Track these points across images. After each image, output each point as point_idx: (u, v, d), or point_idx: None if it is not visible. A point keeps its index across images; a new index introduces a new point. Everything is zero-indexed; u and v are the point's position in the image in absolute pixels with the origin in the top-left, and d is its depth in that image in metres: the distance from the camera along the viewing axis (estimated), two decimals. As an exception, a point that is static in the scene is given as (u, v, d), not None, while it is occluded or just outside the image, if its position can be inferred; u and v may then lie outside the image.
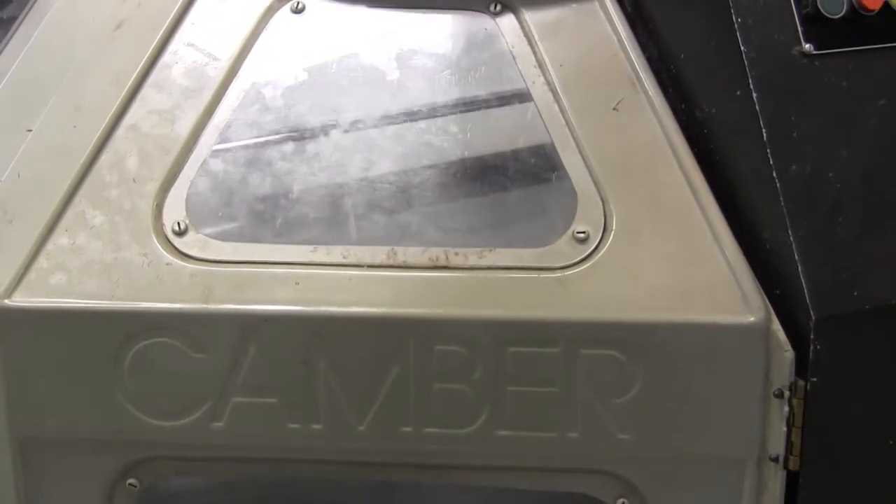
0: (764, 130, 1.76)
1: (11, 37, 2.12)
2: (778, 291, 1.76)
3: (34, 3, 2.15)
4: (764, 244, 1.78)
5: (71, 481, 1.85)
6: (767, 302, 1.75)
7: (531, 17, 1.94)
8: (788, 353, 1.74)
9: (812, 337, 1.72)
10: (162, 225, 1.83)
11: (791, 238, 1.74)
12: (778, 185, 1.75)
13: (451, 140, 1.88)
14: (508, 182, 1.87)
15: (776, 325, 1.74)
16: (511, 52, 1.92)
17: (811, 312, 1.72)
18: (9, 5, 2.30)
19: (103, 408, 1.80)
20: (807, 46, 1.80)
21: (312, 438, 1.79)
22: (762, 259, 1.78)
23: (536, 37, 1.92)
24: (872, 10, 1.82)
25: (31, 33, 2.06)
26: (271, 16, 1.96)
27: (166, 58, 1.95)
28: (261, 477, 1.97)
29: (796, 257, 1.73)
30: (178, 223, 1.83)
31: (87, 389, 1.80)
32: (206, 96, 1.91)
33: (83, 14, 2.04)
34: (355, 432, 1.79)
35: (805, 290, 1.72)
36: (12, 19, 2.20)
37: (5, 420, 1.81)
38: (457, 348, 1.76)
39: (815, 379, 1.73)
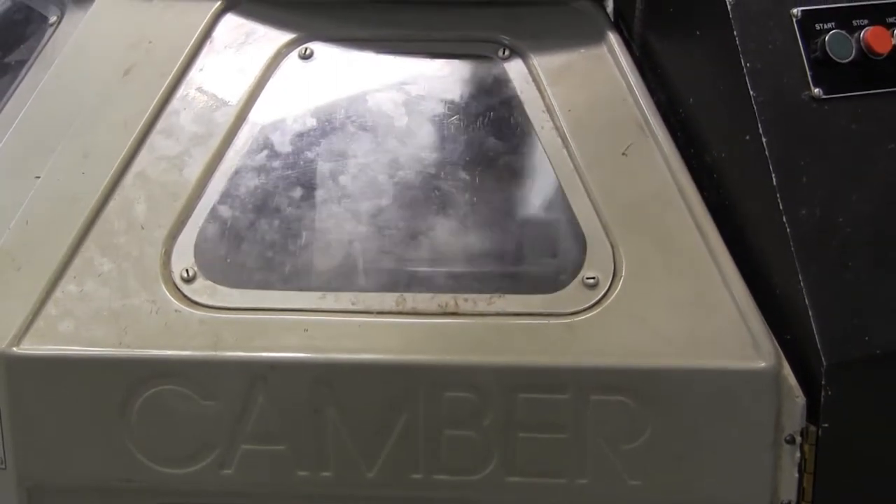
0: (773, 175, 1.75)
1: (20, 83, 2.12)
2: (788, 337, 1.75)
3: (43, 48, 2.16)
4: (774, 289, 1.77)
5: (79, 529, 1.84)
6: (778, 347, 1.75)
7: (540, 62, 1.94)
8: (800, 399, 1.73)
9: (823, 382, 1.71)
10: (170, 272, 1.83)
11: (801, 283, 1.73)
12: (788, 229, 1.74)
13: (460, 185, 1.88)
14: (517, 227, 1.87)
15: (787, 371, 1.73)
16: (520, 97, 1.93)
17: (822, 358, 1.71)
18: (17, 49, 2.30)
19: (112, 455, 1.80)
20: (816, 91, 1.80)
21: (322, 486, 1.79)
22: (772, 304, 1.77)
23: (545, 82, 1.92)
24: (881, 54, 1.82)
25: (39, 80, 2.06)
26: (280, 62, 1.97)
27: (175, 104, 1.95)
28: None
29: (807, 302, 1.73)
30: (187, 270, 1.83)
31: (96, 437, 1.79)
32: (215, 142, 1.91)
33: (92, 60, 2.04)
34: (365, 479, 1.78)
35: (816, 336, 1.72)
36: (21, 63, 2.20)
37: (13, 468, 1.81)
38: (466, 394, 1.75)
39: (826, 425, 1.72)
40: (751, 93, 1.78)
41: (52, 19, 2.21)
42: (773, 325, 1.76)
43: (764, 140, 1.76)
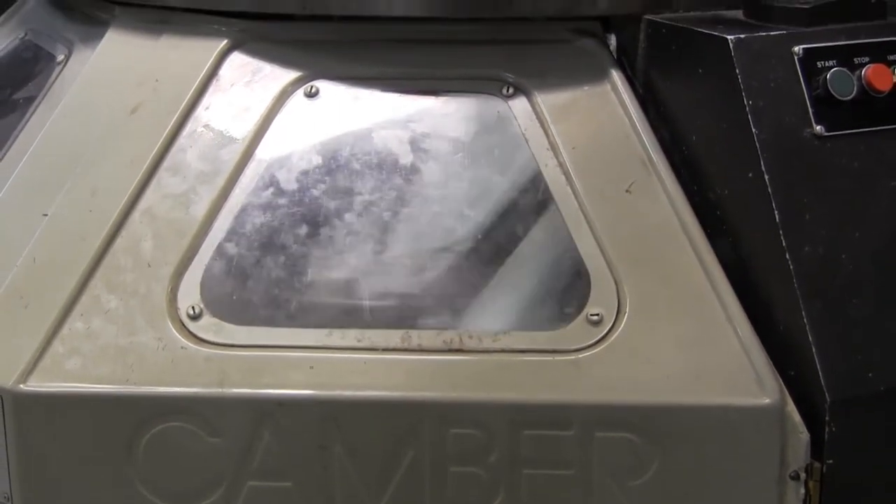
0: (776, 212, 1.76)
1: (28, 121, 2.14)
2: (792, 373, 1.76)
3: (50, 86, 2.17)
4: (778, 325, 1.78)
5: (85, 566, 1.84)
6: (782, 383, 1.75)
7: (543, 99, 1.95)
8: (804, 435, 1.73)
9: (827, 419, 1.72)
10: (177, 309, 1.84)
11: (805, 319, 1.74)
12: (791, 266, 1.75)
13: (465, 222, 1.89)
14: (522, 264, 1.87)
15: (791, 407, 1.74)
16: (524, 134, 1.94)
17: (826, 394, 1.71)
18: (25, 87, 2.31)
19: (118, 492, 1.80)
20: (818, 128, 1.81)
21: (327, 523, 1.79)
22: (776, 340, 1.78)
23: (549, 119, 1.93)
24: (883, 92, 1.84)
25: (47, 118, 2.08)
26: (285, 100, 1.98)
27: (181, 142, 1.96)
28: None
29: (810, 339, 1.73)
30: (193, 307, 1.83)
31: (102, 474, 1.80)
32: (221, 180, 1.92)
33: (99, 98, 2.06)
34: (371, 516, 1.79)
35: (819, 372, 1.72)
36: (29, 100, 2.22)
37: (20, 505, 1.82)
38: (472, 431, 1.76)
39: (831, 461, 1.73)
40: (753, 130, 1.79)
41: (60, 57, 2.22)
42: (777, 362, 1.76)
43: (766, 177, 1.77)
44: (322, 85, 1.99)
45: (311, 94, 1.98)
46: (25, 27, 2.42)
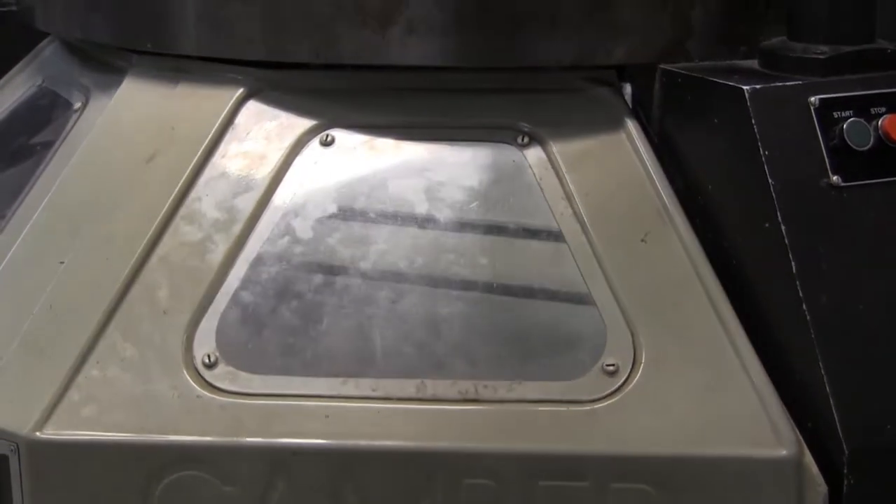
0: (793, 262, 1.76)
1: (44, 168, 2.14)
2: (810, 424, 1.75)
3: (67, 134, 2.18)
4: (794, 376, 1.77)
5: None
6: (799, 434, 1.74)
7: (558, 148, 1.95)
8: (822, 488, 1.72)
9: (845, 471, 1.71)
10: (192, 357, 1.84)
11: (822, 370, 1.73)
12: (808, 316, 1.75)
13: (480, 272, 1.89)
14: (537, 314, 1.87)
15: (808, 459, 1.73)
16: (539, 183, 1.94)
17: (844, 446, 1.70)
18: (42, 134, 2.32)
19: (133, 541, 1.80)
20: (834, 178, 1.81)
21: (341, 573, 1.79)
22: (793, 391, 1.77)
23: (564, 168, 1.94)
24: (899, 142, 1.84)
25: (63, 165, 2.09)
26: (301, 148, 1.99)
27: (197, 190, 1.97)
28: None
29: (828, 389, 1.73)
30: (208, 356, 1.83)
31: (117, 522, 1.80)
32: (237, 228, 1.92)
33: (116, 146, 2.07)
34: (384, 567, 1.78)
35: (837, 423, 1.71)
36: (46, 146, 2.23)
37: (34, 553, 1.81)
38: (486, 482, 1.75)
39: (849, 514, 1.72)
40: (769, 180, 1.78)
41: (77, 105, 2.23)
42: (794, 413, 1.76)
43: (783, 227, 1.77)
44: (337, 133, 2.00)
45: (327, 143, 1.99)
46: (42, 74, 2.44)
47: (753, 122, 1.80)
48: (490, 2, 1.91)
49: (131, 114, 2.10)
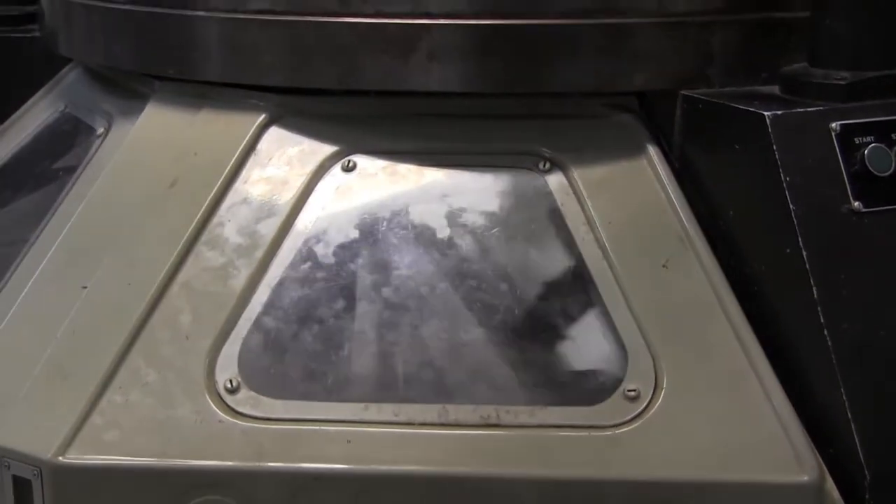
0: (814, 288, 1.76)
1: (67, 193, 2.16)
2: (831, 450, 1.75)
3: (90, 159, 2.19)
4: (816, 401, 1.77)
5: None
6: (821, 460, 1.74)
7: (580, 174, 1.96)
8: (843, 513, 1.73)
9: (867, 496, 1.71)
10: (214, 382, 1.84)
11: (843, 396, 1.73)
12: (829, 342, 1.75)
13: (501, 297, 1.89)
14: (559, 339, 1.87)
15: (830, 485, 1.73)
16: (560, 209, 1.94)
17: (865, 471, 1.70)
18: (65, 159, 2.34)
19: (155, 566, 1.80)
20: (856, 204, 1.81)
21: None
22: (814, 417, 1.77)
23: (585, 194, 1.94)
24: (920, 168, 1.84)
25: (86, 190, 2.10)
26: (323, 174, 1.99)
27: (220, 215, 1.97)
28: None
29: (849, 415, 1.72)
30: (231, 381, 1.84)
31: (139, 547, 1.80)
32: (259, 254, 1.93)
33: (138, 172, 2.08)
34: (405, 592, 1.78)
35: (859, 449, 1.71)
36: (69, 172, 2.24)
37: (56, 579, 1.82)
38: (508, 507, 1.76)
39: (871, 539, 1.72)
40: (790, 206, 1.79)
41: (100, 130, 2.24)
42: (815, 438, 1.76)
43: (804, 253, 1.77)
44: (359, 159, 2.00)
45: (349, 168, 1.99)
46: (65, 100, 2.45)
47: (775, 147, 1.81)
48: (511, 28, 1.92)
49: (154, 139, 2.11)
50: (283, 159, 2.01)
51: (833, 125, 1.84)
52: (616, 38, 1.93)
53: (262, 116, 2.04)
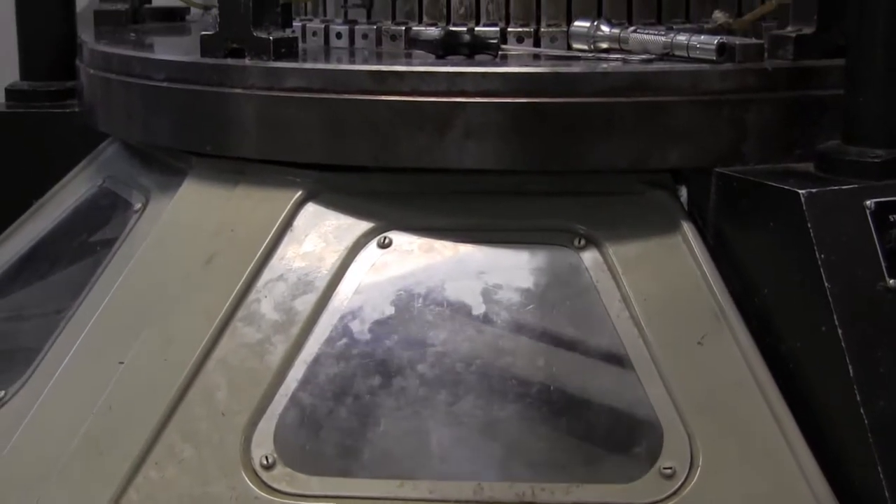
0: (850, 366, 1.76)
1: (105, 269, 2.17)
2: (869, 530, 1.74)
3: (127, 235, 2.21)
4: (853, 481, 1.76)
5: None
6: (858, 540, 1.74)
7: (615, 251, 1.96)
8: None
9: (904, 577, 1.70)
10: (250, 458, 1.85)
11: (881, 475, 1.72)
12: (866, 421, 1.74)
13: (537, 374, 1.89)
14: (594, 416, 1.87)
15: (867, 565, 1.72)
16: (595, 286, 1.95)
17: (903, 552, 1.70)
18: (102, 233, 2.36)
19: None
20: (891, 282, 1.81)
21: None
22: (851, 497, 1.76)
23: (620, 271, 1.94)
24: (955, 246, 1.84)
25: (123, 266, 2.12)
26: (359, 251, 2.00)
27: (256, 291, 1.99)
28: None
29: (886, 495, 1.71)
30: (266, 457, 1.84)
31: None
32: (295, 330, 1.94)
33: (175, 248, 2.09)
34: None
35: (896, 529, 1.71)
36: (107, 246, 2.25)
37: None
38: (544, 586, 1.75)
39: None
40: (826, 284, 1.79)
41: (137, 206, 2.27)
42: (853, 518, 1.75)
43: (840, 331, 1.77)
44: (395, 236, 2.01)
45: (384, 245, 2.01)
46: (103, 174, 2.47)
47: (809, 225, 1.81)
48: (546, 106, 1.93)
49: (191, 215, 2.13)
50: (319, 236, 2.02)
51: (868, 203, 1.84)
52: (650, 115, 1.94)
53: (299, 193, 2.05)
